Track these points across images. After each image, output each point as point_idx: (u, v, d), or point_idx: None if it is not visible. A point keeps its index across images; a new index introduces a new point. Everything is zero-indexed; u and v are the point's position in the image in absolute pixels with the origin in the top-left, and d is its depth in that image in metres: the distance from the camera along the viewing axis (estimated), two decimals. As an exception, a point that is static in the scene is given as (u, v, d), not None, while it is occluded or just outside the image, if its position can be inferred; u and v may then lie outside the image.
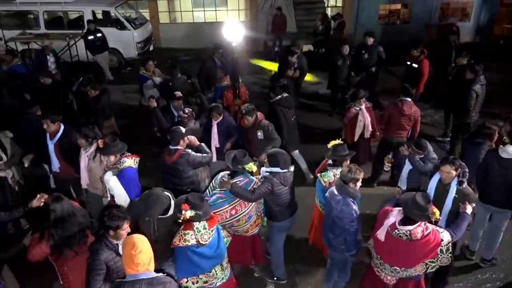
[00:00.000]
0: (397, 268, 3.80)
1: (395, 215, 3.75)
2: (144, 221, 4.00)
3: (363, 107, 6.72)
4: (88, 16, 12.07)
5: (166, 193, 4.07)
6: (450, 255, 3.68)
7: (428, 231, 3.59)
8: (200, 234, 3.70)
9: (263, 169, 4.61)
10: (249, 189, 4.42)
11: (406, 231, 3.60)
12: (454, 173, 4.30)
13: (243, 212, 4.46)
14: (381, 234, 3.77)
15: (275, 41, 13.68)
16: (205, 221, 3.73)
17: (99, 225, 3.59)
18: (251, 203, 4.49)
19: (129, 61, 12.64)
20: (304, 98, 10.37)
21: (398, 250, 3.68)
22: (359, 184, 4.24)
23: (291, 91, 7.55)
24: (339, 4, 15.88)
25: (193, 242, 3.69)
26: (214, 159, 6.03)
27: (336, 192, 4.22)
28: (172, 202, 4.05)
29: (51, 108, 5.97)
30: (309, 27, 14.07)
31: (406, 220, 3.63)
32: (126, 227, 3.54)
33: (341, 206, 4.10)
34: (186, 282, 3.86)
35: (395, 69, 11.15)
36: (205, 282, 3.87)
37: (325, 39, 12.77)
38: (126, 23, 12.39)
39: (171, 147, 5.05)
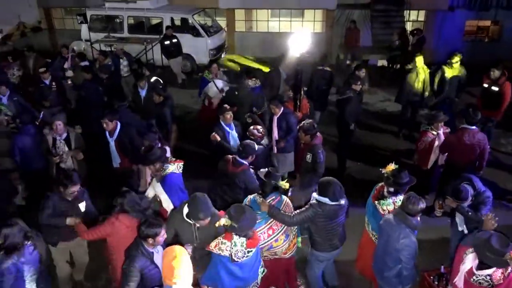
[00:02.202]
0: None
1: (471, 259, 3.39)
2: (185, 229, 4.03)
3: (441, 131, 6.12)
4: (167, 22, 12.68)
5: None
6: None
7: (509, 271, 3.23)
8: (235, 248, 3.62)
9: (314, 195, 4.34)
10: (281, 208, 4.30)
11: (486, 276, 3.26)
12: None
13: (280, 231, 4.33)
14: (459, 281, 3.44)
15: (347, 54, 13.31)
16: (245, 239, 3.63)
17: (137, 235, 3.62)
18: None
19: (201, 67, 13.05)
20: (370, 115, 9.92)
21: None
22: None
23: (356, 105, 7.35)
24: (421, 18, 15.06)
25: (227, 254, 3.63)
26: (275, 150, 6.58)
27: (393, 222, 3.91)
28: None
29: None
30: (385, 41, 13.50)
31: (483, 263, 3.26)
32: (163, 233, 3.59)
33: (402, 238, 3.80)
34: None
35: (477, 90, 10.25)
36: None
37: (400, 55, 12.13)
38: (201, 31, 12.80)
39: (238, 158, 5.03)
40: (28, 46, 9.82)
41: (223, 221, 3.64)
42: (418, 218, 3.93)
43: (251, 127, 5.87)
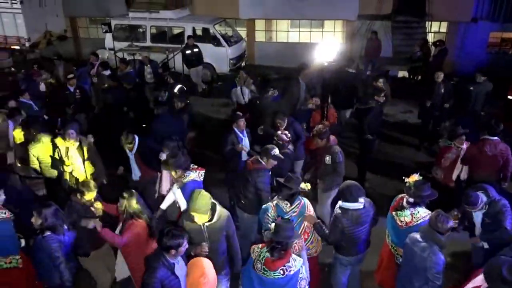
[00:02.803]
0: None
1: (482, 279, 3.33)
2: (194, 231, 4.07)
3: (463, 146, 6.05)
4: (189, 32, 12.88)
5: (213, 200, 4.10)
6: None
7: None
8: (257, 257, 3.65)
9: (338, 203, 4.43)
10: (306, 211, 4.45)
11: None
12: None
13: (313, 233, 4.50)
14: None
15: (367, 65, 13.23)
16: (267, 255, 3.61)
17: (159, 245, 3.63)
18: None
19: (221, 76, 13.17)
20: (391, 126, 9.81)
21: None
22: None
23: (377, 116, 7.35)
24: (443, 29, 14.90)
25: (253, 257, 3.71)
26: None
27: (419, 238, 3.86)
28: (218, 207, 4.09)
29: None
30: (406, 52, 13.40)
31: None
32: (185, 244, 3.59)
33: (428, 254, 3.74)
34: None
35: (501, 102, 10.04)
36: None
37: (422, 66, 12.01)
38: (222, 40, 12.95)
39: (259, 158, 5.14)
40: (58, 54, 10.12)
41: (272, 225, 3.79)
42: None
43: (279, 132, 5.97)
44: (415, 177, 4.50)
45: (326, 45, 6.98)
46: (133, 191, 4.38)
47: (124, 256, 4.39)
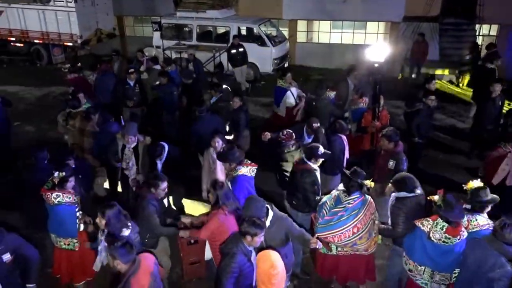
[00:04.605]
0: None
1: None
2: None
3: None
4: (234, 31, 13.08)
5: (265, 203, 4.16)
6: None
7: None
8: (435, 228, 3.92)
9: (393, 194, 4.54)
10: (365, 207, 4.45)
11: None
12: None
13: (364, 230, 4.44)
14: None
15: (413, 68, 13.01)
16: (447, 225, 3.85)
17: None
18: (370, 221, 4.46)
19: (264, 76, 13.30)
20: (438, 131, 9.59)
21: None
22: None
23: (426, 119, 7.25)
24: (493, 33, 14.43)
25: (426, 229, 3.99)
26: None
27: (487, 247, 3.76)
28: (270, 213, 4.13)
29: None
30: (453, 55, 13.08)
31: None
32: (261, 236, 3.66)
33: (498, 268, 3.65)
34: None
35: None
36: None
37: (471, 70, 11.69)
38: (266, 40, 13.06)
39: (304, 158, 5.18)
40: (115, 50, 10.57)
41: (436, 197, 4.04)
42: None
43: (280, 133, 6.10)
44: (472, 183, 4.44)
45: (376, 47, 6.96)
46: (224, 183, 4.54)
47: (208, 239, 4.53)
